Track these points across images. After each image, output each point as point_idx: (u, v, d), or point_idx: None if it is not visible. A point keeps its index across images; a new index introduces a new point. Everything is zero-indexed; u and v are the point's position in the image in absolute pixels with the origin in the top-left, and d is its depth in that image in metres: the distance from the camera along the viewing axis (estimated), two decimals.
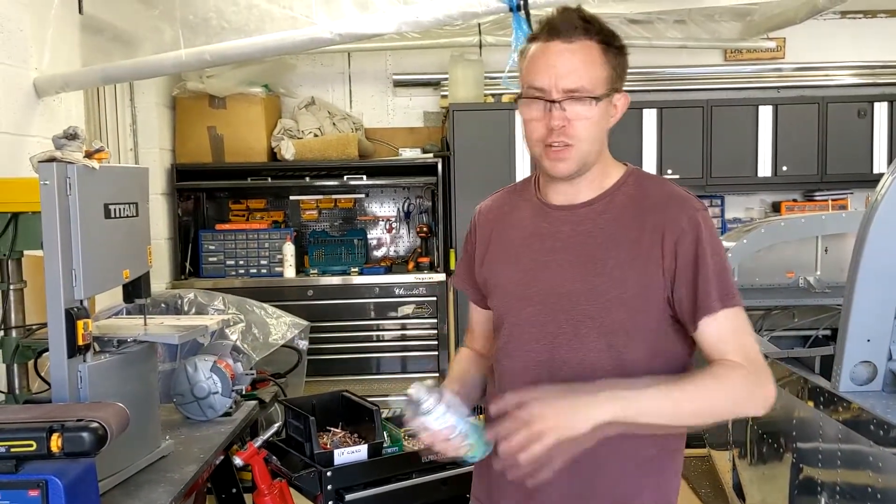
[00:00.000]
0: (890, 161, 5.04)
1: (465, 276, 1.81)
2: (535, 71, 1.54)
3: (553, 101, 1.51)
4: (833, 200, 5.24)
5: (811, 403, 2.30)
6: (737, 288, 1.56)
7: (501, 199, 1.78)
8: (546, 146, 1.55)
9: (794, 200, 5.46)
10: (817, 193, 5.33)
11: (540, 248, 1.63)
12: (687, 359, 1.62)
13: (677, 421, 1.51)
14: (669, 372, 1.58)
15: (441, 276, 5.08)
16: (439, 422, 1.49)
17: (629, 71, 1.61)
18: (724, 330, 1.53)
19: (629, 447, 1.56)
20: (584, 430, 1.39)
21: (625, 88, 1.61)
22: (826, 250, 3.70)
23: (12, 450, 1.55)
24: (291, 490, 2.62)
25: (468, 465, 1.55)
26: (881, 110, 5.11)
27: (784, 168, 5.10)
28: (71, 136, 1.93)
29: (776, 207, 5.50)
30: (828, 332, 3.56)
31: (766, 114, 5.10)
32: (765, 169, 5.12)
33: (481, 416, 2.93)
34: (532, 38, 1.58)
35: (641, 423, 1.43)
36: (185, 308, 3.45)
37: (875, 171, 5.07)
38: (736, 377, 1.49)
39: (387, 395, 4.97)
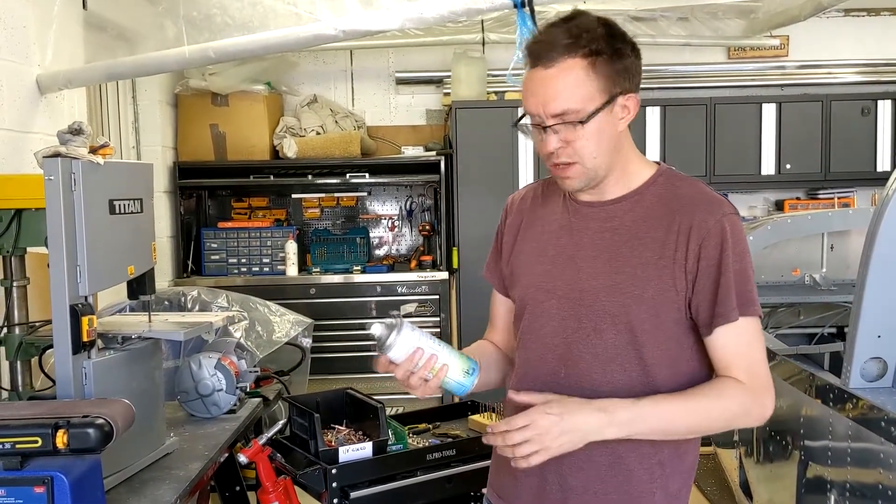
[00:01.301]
0: (894, 159, 5.03)
1: (492, 266, 1.81)
2: (526, 98, 1.56)
3: (546, 127, 1.53)
4: (839, 199, 5.22)
5: (820, 400, 2.29)
6: (756, 295, 1.55)
7: (534, 191, 1.77)
8: (552, 165, 1.58)
9: (798, 199, 5.44)
10: (821, 192, 5.32)
11: (567, 243, 1.63)
12: (705, 358, 1.59)
13: (671, 437, 1.56)
14: (693, 372, 1.58)
15: (444, 275, 5.06)
16: (403, 349, 1.49)
17: None
18: (735, 342, 1.53)
19: (645, 447, 1.56)
20: (578, 448, 1.47)
21: None
22: (832, 248, 3.70)
23: (17, 446, 1.54)
24: (296, 487, 2.61)
25: (460, 397, 1.55)
26: (885, 108, 5.09)
27: (788, 166, 5.08)
28: (76, 131, 1.92)
29: (780, 206, 5.48)
30: (833, 330, 3.55)
31: (769, 112, 5.09)
32: (768, 167, 5.11)
33: (493, 412, 2.92)
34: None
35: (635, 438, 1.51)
36: (189, 305, 3.43)
37: (879, 169, 5.06)
38: (735, 397, 1.52)
39: (390, 394, 4.96)
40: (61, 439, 1.55)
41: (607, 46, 1.51)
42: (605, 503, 1.59)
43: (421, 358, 1.50)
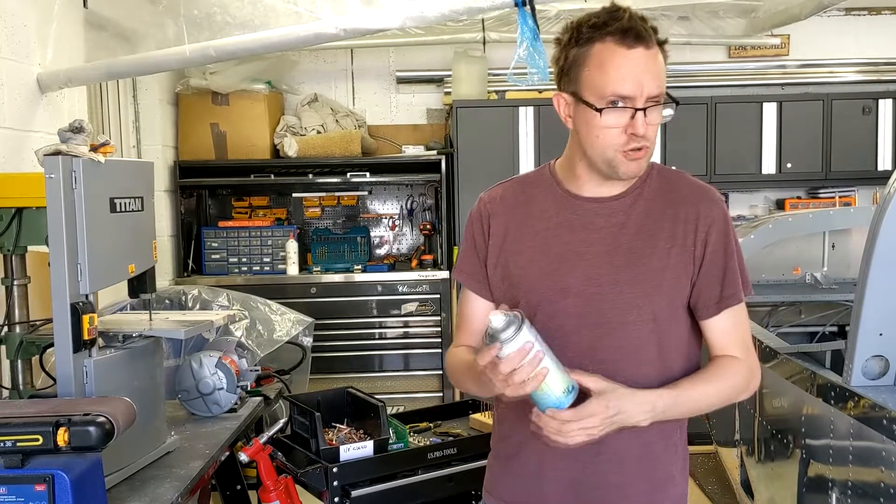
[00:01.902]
0: (895, 157, 5.02)
1: (470, 268, 1.74)
2: (620, 79, 1.50)
3: (639, 109, 1.51)
4: (840, 197, 5.22)
5: (822, 399, 2.28)
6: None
7: (514, 189, 1.74)
8: (628, 150, 1.55)
9: (799, 198, 5.44)
10: (821, 190, 5.32)
11: (571, 240, 1.63)
12: (700, 338, 1.67)
13: (689, 416, 1.66)
14: (693, 352, 1.67)
15: (444, 274, 5.06)
16: (518, 346, 1.40)
17: None
18: (734, 321, 1.63)
19: (667, 432, 1.63)
20: None
21: None
22: (833, 246, 3.70)
23: (19, 444, 1.53)
24: (297, 486, 2.61)
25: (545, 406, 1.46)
26: (886, 107, 5.09)
27: (788, 165, 5.08)
28: (76, 129, 1.92)
29: (780, 205, 5.48)
30: (834, 329, 3.55)
31: (770, 111, 5.09)
32: (769, 166, 5.11)
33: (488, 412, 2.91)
34: (587, 41, 1.53)
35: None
36: (190, 304, 3.43)
37: (880, 167, 5.06)
38: (739, 374, 1.62)
39: (391, 393, 4.97)
40: (62, 437, 1.54)
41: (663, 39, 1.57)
42: (637, 493, 1.63)
43: (529, 353, 1.41)
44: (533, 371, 1.42)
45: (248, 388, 2.76)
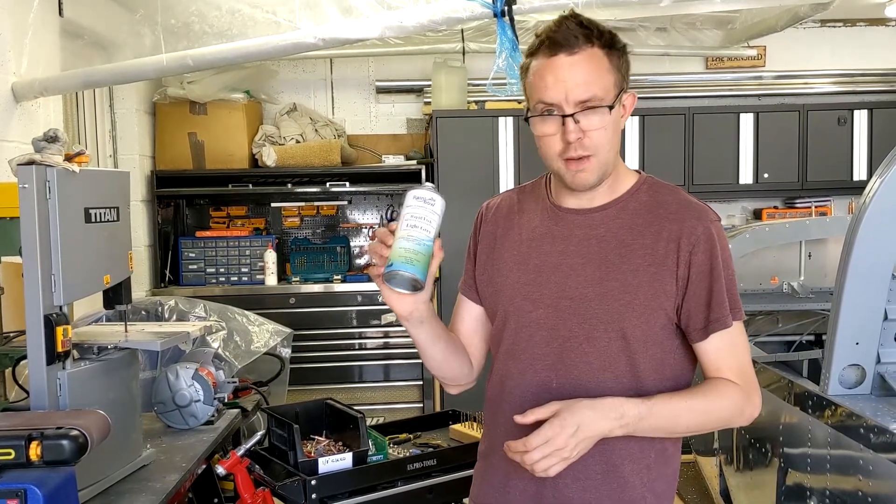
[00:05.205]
0: (870, 168, 5.08)
1: (468, 278, 1.76)
2: (544, 87, 1.51)
3: (567, 116, 1.50)
4: (816, 207, 5.27)
5: (799, 408, 2.30)
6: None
7: (510, 199, 1.76)
8: (565, 160, 1.54)
9: (775, 207, 5.48)
10: (798, 200, 5.36)
11: (550, 251, 1.62)
12: (692, 363, 1.62)
13: (671, 435, 1.59)
14: (677, 375, 1.60)
15: None
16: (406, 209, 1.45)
17: None
18: (728, 345, 1.56)
19: (635, 451, 1.57)
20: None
21: None
22: (809, 256, 3.73)
23: None
24: (275, 499, 2.59)
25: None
26: (861, 118, 5.15)
27: (765, 175, 5.13)
28: (51, 138, 1.89)
29: (757, 214, 5.52)
30: (811, 338, 3.58)
31: (747, 121, 5.13)
32: (746, 176, 5.15)
33: (474, 422, 2.91)
34: (531, 54, 1.55)
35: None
36: (166, 315, 3.40)
37: (855, 178, 5.11)
38: (730, 397, 1.55)
39: (370, 404, 4.94)
40: (35, 451, 1.52)
41: (616, 42, 1.55)
42: None
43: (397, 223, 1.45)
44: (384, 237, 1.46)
45: (226, 400, 2.73)
